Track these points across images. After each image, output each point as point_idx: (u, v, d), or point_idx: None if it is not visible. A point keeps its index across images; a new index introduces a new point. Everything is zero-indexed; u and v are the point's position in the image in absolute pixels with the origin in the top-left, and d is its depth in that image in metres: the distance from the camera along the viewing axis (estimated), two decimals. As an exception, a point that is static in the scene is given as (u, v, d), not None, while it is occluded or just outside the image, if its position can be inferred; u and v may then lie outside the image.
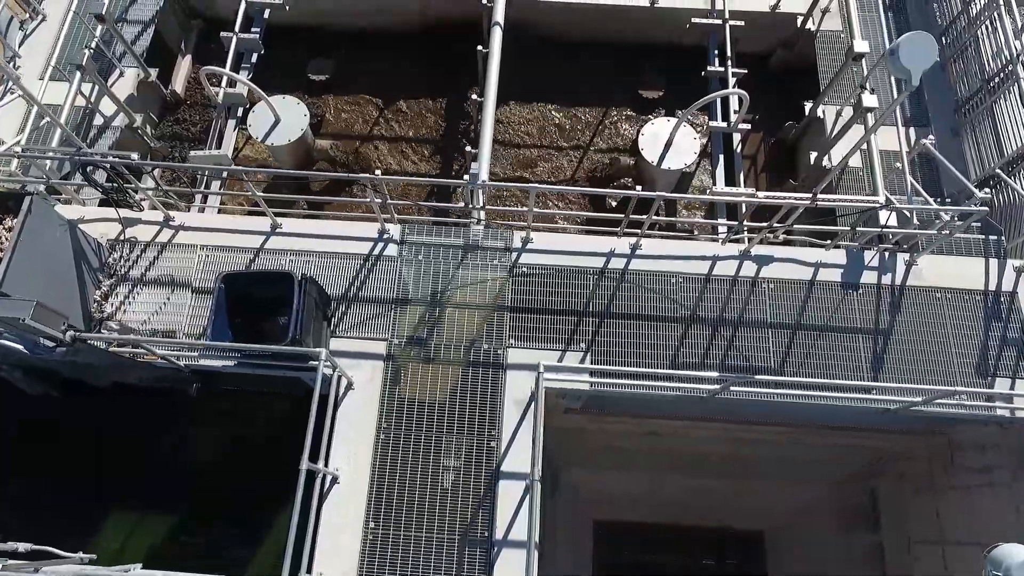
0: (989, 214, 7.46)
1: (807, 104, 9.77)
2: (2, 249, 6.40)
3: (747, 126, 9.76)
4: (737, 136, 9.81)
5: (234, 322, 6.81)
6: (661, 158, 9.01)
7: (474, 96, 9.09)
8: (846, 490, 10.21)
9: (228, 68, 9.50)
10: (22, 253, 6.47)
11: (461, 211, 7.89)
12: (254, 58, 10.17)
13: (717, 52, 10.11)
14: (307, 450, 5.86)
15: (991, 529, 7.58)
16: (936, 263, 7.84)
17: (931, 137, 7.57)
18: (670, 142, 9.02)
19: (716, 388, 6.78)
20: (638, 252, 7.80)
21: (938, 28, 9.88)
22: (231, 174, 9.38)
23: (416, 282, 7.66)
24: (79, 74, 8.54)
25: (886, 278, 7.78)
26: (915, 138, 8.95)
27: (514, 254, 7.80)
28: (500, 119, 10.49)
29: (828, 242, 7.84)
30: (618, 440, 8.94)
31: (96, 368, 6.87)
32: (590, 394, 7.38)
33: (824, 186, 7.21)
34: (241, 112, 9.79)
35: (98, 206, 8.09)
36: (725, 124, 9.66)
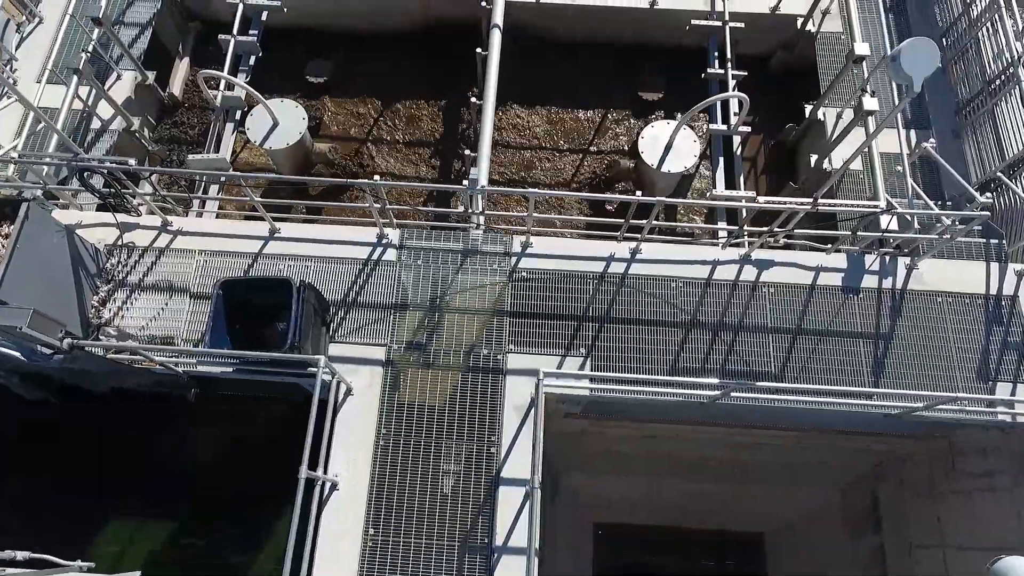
0: (990, 218, 7.43)
1: (807, 106, 9.73)
2: (-1, 256, 6.37)
3: (747, 128, 9.74)
4: (737, 138, 9.78)
5: (232, 328, 6.78)
6: (661, 161, 8.98)
7: (473, 99, 9.04)
8: (847, 494, 10.19)
9: (226, 71, 9.46)
10: (19, 259, 6.44)
11: (460, 216, 7.85)
12: (252, 60, 10.13)
13: (717, 54, 10.08)
14: (306, 458, 5.84)
15: (992, 533, 7.57)
16: (937, 267, 7.81)
17: (932, 140, 7.54)
18: (670, 145, 8.99)
19: (716, 394, 6.76)
20: (638, 256, 7.77)
21: (939, 30, 9.85)
22: (229, 178, 9.34)
23: (415, 287, 7.63)
24: (76, 78, 8.49)
25: (887, 282, 7.76)
26: (916, 140, 8.93)
27: (513, 259, 7.76)
28: (499, 121, 10.45)
29: (829, 246, 7.81)
30: (618, 444, 8.91)
31: (94, 374, 6.84)
32: (590, 399, 7.35)
33: (825, 190, 7.18)
34: (239, 115, 9.76)
35: (95, 211, 8.06)
36: (725, 127, 9.63)
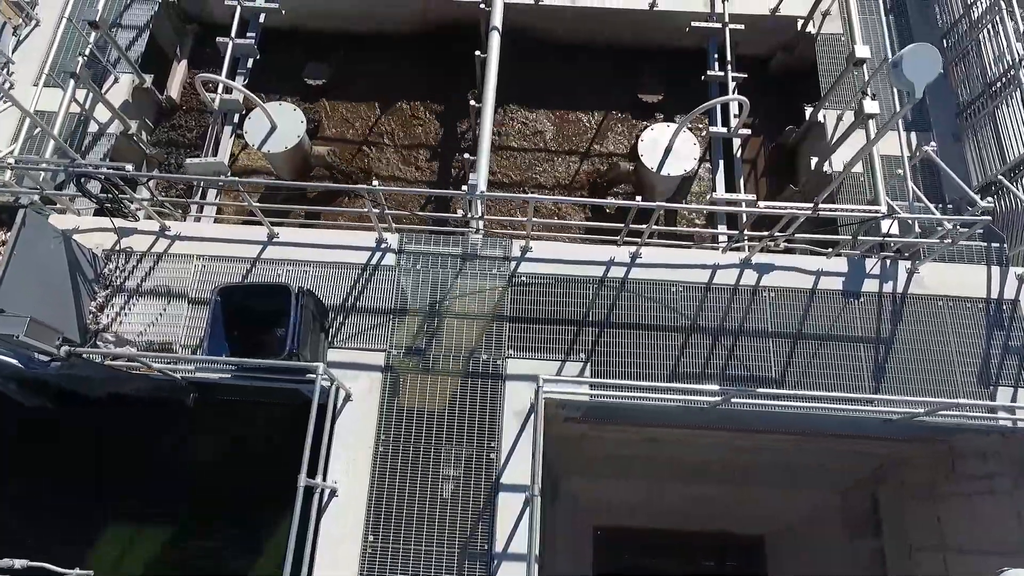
0: (991, 221, 7.41)
1: (808, 108, 9.70)
2: (-4, 262, 6.34)
3: (747, 131, 9.69)
4: (737, 141, 9.74)
5: (231, 334, 6.76)
6: (661, 164, 8.94)
7: (472, 101, 9.00)
8: (847, 496, 10.19)
9: (224, 73, 9.41)
10: (16, 266, 6.43)
11: (459, 220, 7.82)
12: (250, 63, 10.08)
13: (717, 55, 10.03)
14: (305, 466, 5.81)
15: (992, 536, 7.57)
16: (938, 271, 7.78)
17: (933, 144, 7.52)
18: (670, 148, 8.95)
19: (717, 400, 6.74)
20: (638, 261, 7.74)
21: (940, 31, 9.81)
22: (226, 184, 9.30)
23: (414, 292, 7.60)
24: (73, 81, 8.45)
25: (888, 286, 7.73)
26: (916, 143, 8.90)
27: (513, 263, 7.74)
28: (498, 123, 10.40)
29: (829, 250, 7.79)
30: (618, 448, 8.90)
31: (92, 380, 6.81)
32: (590, 405, 7.33)
33: (826, 195, 7.15)
34: (237, 118, 9.71)
35: (93, 215, 8.02)
36: (725, 129, 9.59)
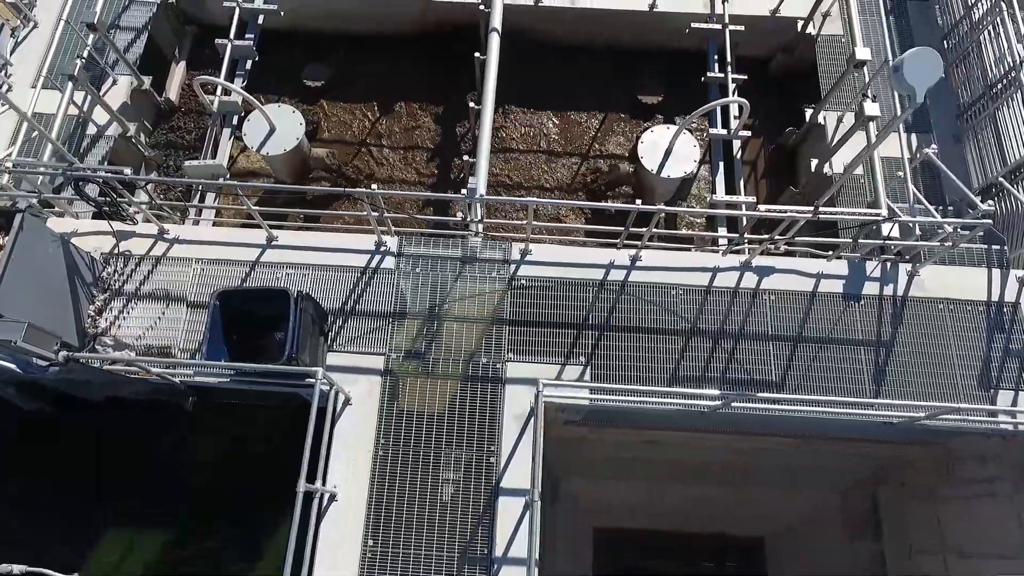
0: (992, 224, 7.39)
1: (808, 109, 9.68)
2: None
3: (747, 133, 9.67)
4: (737, 143, 9.72)
5: (230, 338, 6.74)
6: (661, 166, 8.92)
7: (472, 103, 8.98)
8: (847, 498, 10.18)
9: (223, 75, 9.39)
10: (14, 270, 6.40)
11: (459, 223, 7.80)
12: (248, 64, 10.05)
13: (717, 57, 10.01)
14: (304, 471, 5.80)
15: (992, 538, 7.57)
16: (938, 273, 7.77)
17: (934, 146, 7.47)
18: (669, 150, 8.93)
19: (717, 404, 6.73)
20: (638, 264, 7.72)
21: (940, 32, 9.79)
22: (225, 187, 9.28)
23: (414, 295, 7.58)
24: (71, 83, 8.42)
25: (888, 289, 7.71)
26: (917, 144, 8.89)
27: (512, 266, 7.72)
28: (498, 124, 10.38)
29: (830, 253, 7.77)
30: (618, 450, 8.89)
31: (90, 384, 6.80)
32: (590, 408, 7.32)
33: (826, 198, 7.14)
34: (236, 120, 9.69)
35: (91, 219, 8.00)
36: (725, 131, 9.57)
